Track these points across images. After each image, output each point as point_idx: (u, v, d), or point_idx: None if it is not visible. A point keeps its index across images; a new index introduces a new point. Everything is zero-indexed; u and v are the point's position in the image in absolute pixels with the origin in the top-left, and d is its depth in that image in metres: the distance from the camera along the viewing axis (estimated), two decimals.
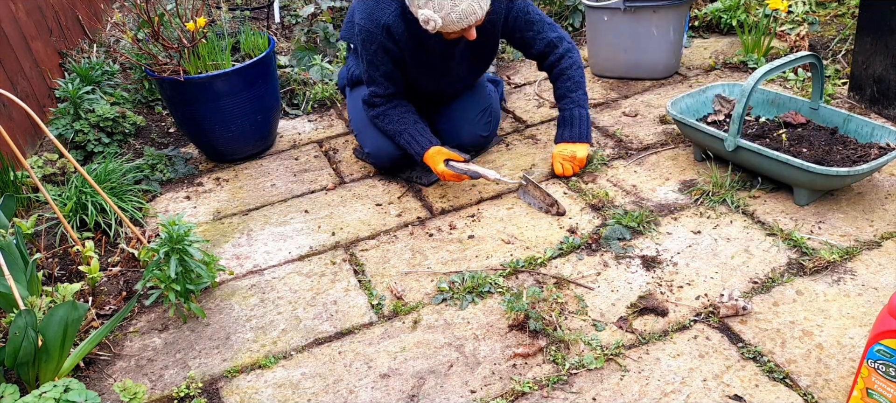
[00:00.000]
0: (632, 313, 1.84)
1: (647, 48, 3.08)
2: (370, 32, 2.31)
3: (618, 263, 2.04)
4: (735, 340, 1.72)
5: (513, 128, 2.91)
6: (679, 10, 2.99)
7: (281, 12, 4.27)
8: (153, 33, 2.63)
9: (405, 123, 2.45)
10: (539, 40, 2.48)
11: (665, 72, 3.16)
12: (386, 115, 2.47)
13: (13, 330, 1.56)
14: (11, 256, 1.84)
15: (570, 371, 1.68)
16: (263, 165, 2.84)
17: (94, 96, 3.07)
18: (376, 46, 2.33)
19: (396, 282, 2.05)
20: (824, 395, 1.55)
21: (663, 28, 3.01)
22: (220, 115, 2.69)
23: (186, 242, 1.86)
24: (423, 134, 2.44)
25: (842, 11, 3.33)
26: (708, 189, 2.30)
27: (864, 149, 2.22)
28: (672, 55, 3.12)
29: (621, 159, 2.59)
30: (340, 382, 1.72)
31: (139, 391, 1.71)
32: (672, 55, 3.12)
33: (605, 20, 3.09)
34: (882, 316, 1.34)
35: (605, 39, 3.15)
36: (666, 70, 3.16)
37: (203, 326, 1.97)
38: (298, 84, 3.39)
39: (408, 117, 2.46)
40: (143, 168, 2.76)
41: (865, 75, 2.58)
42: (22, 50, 3.07)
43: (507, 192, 2.44)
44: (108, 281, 2.19)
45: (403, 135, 2.45)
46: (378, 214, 2.41)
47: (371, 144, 2.56)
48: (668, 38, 3.05)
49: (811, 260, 1.96)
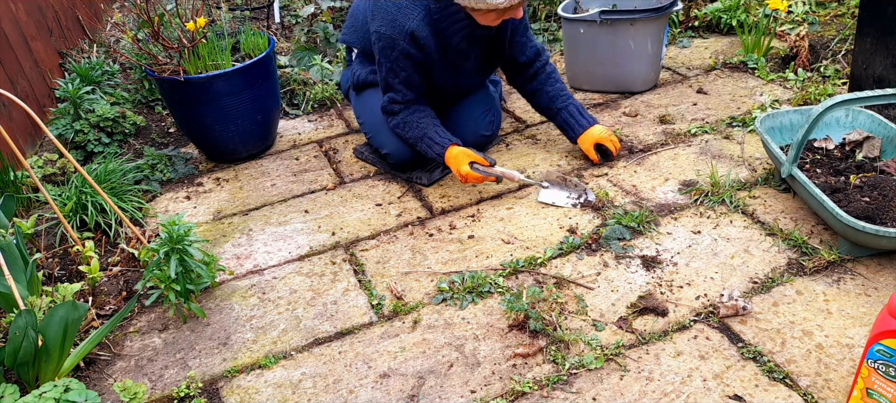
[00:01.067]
0: (632, 313, 1.84)
1: (624, 61, 3.02)
2: (392, 39, 2.29)
3: (618, 263, 2.04)
4: (735, 340, 1.72)
5: (513, 128, 2.91)
6: (657, 22, 2.92)
7: (281, 12, 4.27)
8: (153, 33, 2.63)
9: (423, 128, 2.44)
10: (530, 47, 2.54)
11: (643, 86, 3.09)
12: (405, 123, 2.45)
13: (13, 330, 1.56)
14: (11, 256, 1.84)
15: (570, 371, 1.68)
16: (263, 165, 2.84)
17: (94, 96, 3.07)
18: (398, 53, 2.31)
19: (396, 282, 2.05)
20: (824, 395, 1.55)
21: (640, 41, 2.95)
22: (220, 115, 2.69)
23: (186, 242, 1.86)
24: (442, 135, 2.43)
25: (842, 11, 3.33)
26: (708, 189, 2.30)
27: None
28: (650, 68, 3.05)
29: (621, 159, 2.59)
30: (340, 382, 1.73)
31: (139, 391, 1.71)
32: (650, 68, 3.05)
33: (581, 33, 3.02)
34: (882, 316, 1.34)
35: (582, 52, 3.08)
36: (644, 83, 3.08)
37: (203, 326, 1.97)
38: (298, 84, 3.39)
39: (425, 122, 2.45)
40: (143, 168, 2.76)
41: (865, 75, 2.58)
42: (22, 50, 3.07)
43: (507, 192, 2.44)
44: (108, 281, 2.19)
45: (423, 142, 2.43)
46: (378, 214, 2.41)
47: (390, 146, 2.55)
48: (646, 52, 2.98)
49: (811, 260, 1.96)
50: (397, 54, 2.31)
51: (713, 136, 2.66)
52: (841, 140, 2.36)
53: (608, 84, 3.12)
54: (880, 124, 2.30)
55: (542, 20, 3.90)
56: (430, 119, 2.46)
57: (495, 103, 2.70)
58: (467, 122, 2.61)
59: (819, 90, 2.81)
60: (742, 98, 2.93)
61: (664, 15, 2.92)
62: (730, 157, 2.51)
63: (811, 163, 2.27)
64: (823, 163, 2.26)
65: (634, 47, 2.97)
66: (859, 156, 2.27)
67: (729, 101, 2.91)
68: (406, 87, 2.41)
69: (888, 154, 2.26)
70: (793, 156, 2.07)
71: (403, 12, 2.28)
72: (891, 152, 2.25)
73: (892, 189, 2.04)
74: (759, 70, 3.11)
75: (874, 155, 2.26)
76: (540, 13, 3.92)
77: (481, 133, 2.62)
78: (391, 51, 2.32)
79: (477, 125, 2.61)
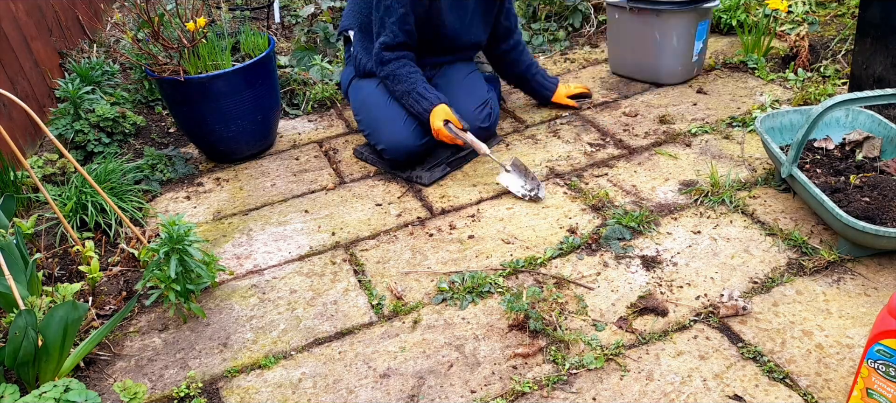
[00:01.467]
0: (632, 313, 1.84)
1: (649, 52, 3.06)
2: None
3: (618, 263, 2.04)
4: (735, 340, 1.72)
5: (513, 128, 2.91)
6: (685, 16, 2.91)
7: (281, 12, 4.27)
8: (153, 33, 2.63)
9: (412, 83, 2.51)
10: (513, 16, 2.82)
11: (668, 79, 3.10)
12: (395, 76, 2.52)
13: (13, 330, 1.56)
14: (11, 256, 1.84)
15: (570, 371, 1.68)
16: (263, 165, 2.84)
17: (94, 96, 3.07)
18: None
19: (396, 282, 2.05)
20: (824, 395, 1.55)
21: (666, 34, 2.96)
22: (220, 115, 2.69)
23: (186, 242, 1.86)
24: (431, 91, 2.51)
25: (842, 11, 3.33)
26: (707, 189, 2.30)
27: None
28: (677, 63, 3.04)
29: (621, 159, 2.59)
30: (340, 382, 1.73)
31: (139, 391, 1.71)
32: (677, 63, 3.04)
33: (616, 18, 3.11)
34: (882, 316, 1.34)
35: (617, 38, 3.18)
36: (669, 77, 3.10)
37: (203, 326, 1.97)
38: (298, 84, 3.39)
39: (414, 77, 2.52)
40: (143, 168, 2.76)
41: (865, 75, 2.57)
42: (22, 50, 3.07)
43: (507, 192, 2.44)
44: (108, 281, 2.19)
45: (411, 96, 2.51)
46: (378, 214, 2.41)
47: (385, 140, 2.56)
48: (671, 45, 2.98)
49: (811, 260, 1.96)
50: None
51: (713, 136, 2.66)
52: (841, 140, 2.36)
53: (638, 72, 3.18)
54: (880, 124, 2.30)
55: (543, 20, 3.89)
56: (419, 76, 2.54)
57: (492, 98, 2.71)
58: (464, 115, 2.61)
59: (819, 90, 2.81)
60: (742, 98, 2.93)
61: (692, 9, 2.90)
62: (730, 157, 2.51)
63: (811, 163, 2.27)
64: (823, 163, 2.26)
65: (659, 39, 2.99)
66: (859, 156, 2.27)
67: (729, 101, 2.91)
68: (399, 27, 2.47)
69: (888, 154, 2.26)
70: (793, 156, 2.07)
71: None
72: (891, 152, 2.25)
73: (892, 189, 2.04)
74: (759, 70, 3.11)
75: (874, 155, 2.26)
76: (540, 13, 3.92)
77: (478, 125, 2.63)
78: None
79: (473, 117, 2.62)
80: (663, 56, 3.04)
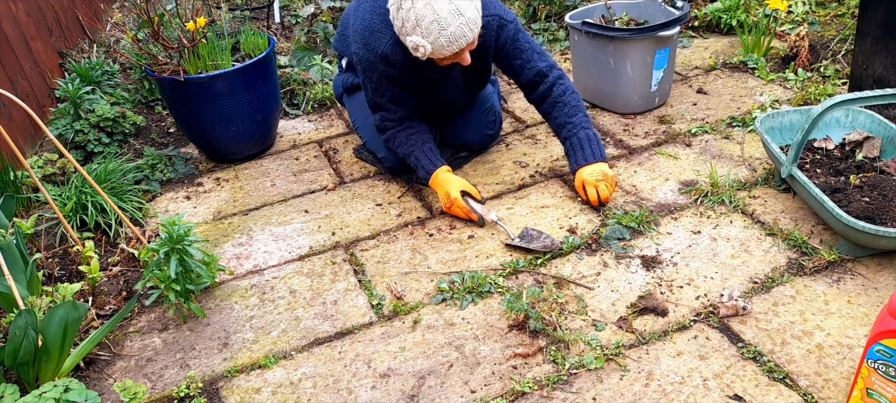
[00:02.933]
0: (632, 313, 1.84)
1: (605, 79, 2.85)
2: (370, 62, 2.27)
3: (618, 263, 2.04)
4: (735, 340, 1.72)
5: (513, 129, 2.91)
6: (639, 44, 2.69)
7: (281, 12, 4.27)
8: (153, 33, 2.63)
9: (411, 146, 2.39)
10: (527, 69, 2.36)
11: (624, 109, 2.87)
12: (395, 138, 2.42)
13: (13, 330, 1.56)
14: (11, 256, 1.84)
15: (570, 371, 1.68)
16: (263, 165, 2.84)
17: (94, 96, 3.07)
18: (378, 75, 2.29)
19: (396, 282, 2.05)
20: (824, 395, 1.55)
21: (621, 62, 2.75)
22: (220, 115, 2.69)
23: (186, 242, 1.86)
24: (431, 157, 2.38)
25: (842, 11, 3.33)
26: (707, 189, 2.30)
27: None
28: (634, 93, 2.81)
29: (621, 159, 2.59)
30: (340, 382, 1.73)
31: (139, 391, 1.71)
32: (634, 93, 2.81)
33: (576, 40, 2.93)
34: (882, 316, 1.34)
35: (576, 61, 3.01)
36: (626, 107, 2.87)
37: (203, 326, 1.97)
38: (298, 84, 3.39)
39: (414, 139, 2.40)
40: (143, 168, 2.76)
41: (865, 75, 2.57)
42: (22, 50, 3.07)
43: (507, 192, 2.44)
44: (108, 281, 2.19)
45: (411, 159, 2.40)
46: (378, 214, 2.41)
47: (385, 151, 2.55)
48: (626, 73, 2.76)
49: (811, 260, 1.96)
50: (378, 76, 2.29)
51: (713, 136, 2.66)
52: (841, 140, 2.36)
53: (598, 99, 2.97)
54: (880, 124, 2.30)
55: (543, 20, 3.89)
56: (420, 136, 2.40)
57: (495, 102, 2.69)
58: (469, 122, 2.61)
59: (819, 90, 2.81)
60: (742, 98, 2.93)
61: (648, 37, 2.68)
62: (730, 157, 2.51)
63: (811, 163, 2.27)
64: (823, 163, 2.26)
65: (614, 66, 2.78)
66: (859, 156, 2.27)
67: (729, 101, 2.91)
68: (395, 105, 2.38)
69: (888, 154, 2.26)
70: (793, 156, 2.06)
71: (375, 36, 2.23)
72: (891, 152, 2.25)
73: (892, 189, 2.04)
74: (759, 70, 3.11)
75: (874, 155, 2.26)
76: (540, 13, 3.92)
77: (484, 132, 2.61)
78: (372, 73, 2.29)
79: (479, 125, 2.60)
80: (620, 85, 2.82)
